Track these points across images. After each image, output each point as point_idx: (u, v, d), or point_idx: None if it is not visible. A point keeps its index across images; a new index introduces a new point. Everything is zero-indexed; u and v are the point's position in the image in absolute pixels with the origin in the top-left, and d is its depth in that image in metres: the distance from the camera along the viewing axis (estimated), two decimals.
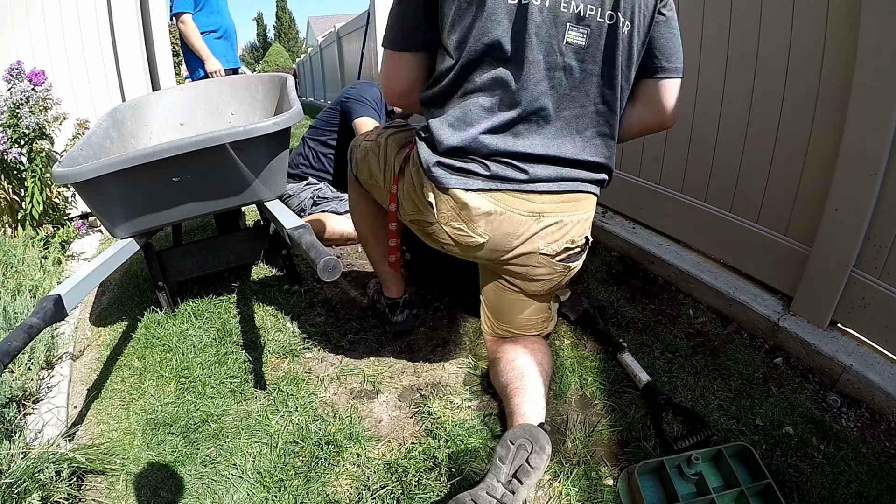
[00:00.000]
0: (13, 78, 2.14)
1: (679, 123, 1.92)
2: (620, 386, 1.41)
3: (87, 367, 1.63)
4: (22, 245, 2.05)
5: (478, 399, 1.39)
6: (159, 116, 2.10)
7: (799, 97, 1.49)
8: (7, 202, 2.23)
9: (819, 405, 1.34)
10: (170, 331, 1.73)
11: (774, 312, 1.57)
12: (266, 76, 2.15)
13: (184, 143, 1.44)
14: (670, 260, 1.92)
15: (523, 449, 0.96)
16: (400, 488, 1.14)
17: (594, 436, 1.26)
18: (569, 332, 1.66)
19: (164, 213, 1.58)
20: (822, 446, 1.21)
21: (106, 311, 1.95)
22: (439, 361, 1.55)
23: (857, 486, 1.10)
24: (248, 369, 1.55)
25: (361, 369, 1.53)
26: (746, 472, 1.11)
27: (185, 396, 1.44)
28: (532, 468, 0.94)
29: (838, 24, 1.34)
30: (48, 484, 1.11)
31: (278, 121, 1.54)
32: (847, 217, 1.37)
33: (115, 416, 1.40)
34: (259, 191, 1.64)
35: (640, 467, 1.10)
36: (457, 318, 1.76)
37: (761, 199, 1.66)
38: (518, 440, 0.97)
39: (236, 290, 1.98)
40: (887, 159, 1.26)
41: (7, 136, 2.10)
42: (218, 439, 1.30)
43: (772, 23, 1.52)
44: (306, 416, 1.35)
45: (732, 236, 1.78)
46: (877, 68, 1.24)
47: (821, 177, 1.45)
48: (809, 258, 1.50)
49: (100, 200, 1.50)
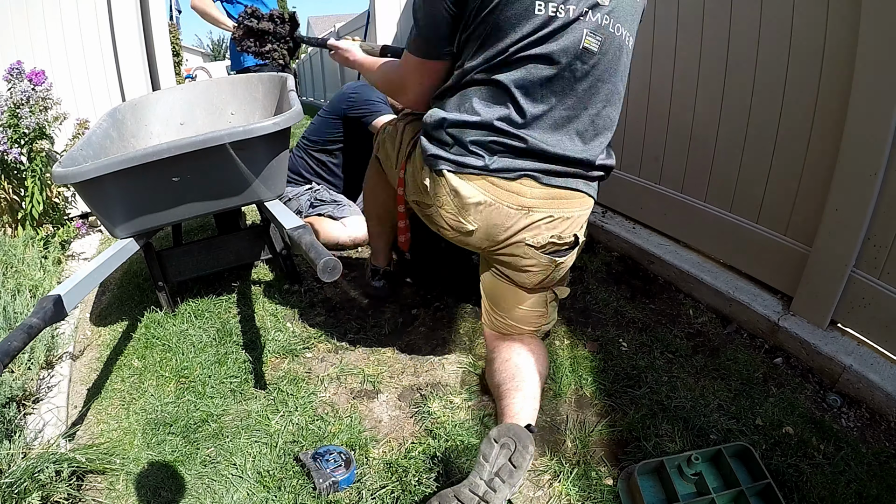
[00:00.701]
0: (13, 78, 2.14)
1: (679, 123, 1.93)
2: (620, 386, 1.41)
3: (87, 367, 1.63)
4: (22, 245, 2.05)
5: (478, 399, 1.39)
6: (159, 116, 2.10)
7: (799, 97, 1.48)
8: (7, 202, 2.23)
9: (819, 405, 1.34)
10: (170, 331, 1.73)
11: (774, 312, 1.57)
12: (266, 76, 2.15)
13: (184, 142, 1.44)
14: (670, 260, 1.92)
15: (507, 448, 0.96)
16: (400, 488, 1.14)
17: (594, 436, 1.26)
18: (568, 332, 1.66)
19: (164, 214, 1.58)
20: (822, 446, 1.21)
21: (106, 310, 1.95)
22: (439, 361, 1.56)
23: (857, 486, 1.10)
24: (248, 369, 1.55)
25: (361, 369, 1.54)
26: (746, 472, 1.11)
27: (185, 396, 1.44)
28: (514, 467, 0.94)
29: (838, 23, 1.34)
30: (48, 484, 1.11)
31: (278, 121, 1.54)
32: (847, 217, 1.37)
33: (115, 416, 1.40)
34: (259, 191, 1.64)
35: (639, 467, 1.10)
36: (457, 318, 1.76)
37: (761, 199, 1.66)
38: (502, 439, 0.97)
39: (236, 290, 1.98)
40: (887, 159, 1.26)
41: (7, 136, 2.10)
42: (218, 439, 1.30)
43: (772, 23, 1.52)
44: (306, 416, 1.35)
45: (732, 236, 1.78)
46: (877, 68, 1.24)
47: (821, 177, 1.45)
48: (809, 258, 1.50)
49: (100, 200, 1.50)
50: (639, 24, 1.14)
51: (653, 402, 1.34)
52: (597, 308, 1.79)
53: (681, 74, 1.88)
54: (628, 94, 2.15)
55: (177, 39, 8.40)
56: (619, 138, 2.29)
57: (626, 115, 2.21)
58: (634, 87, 2.13)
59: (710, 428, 1.26)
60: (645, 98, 2.08)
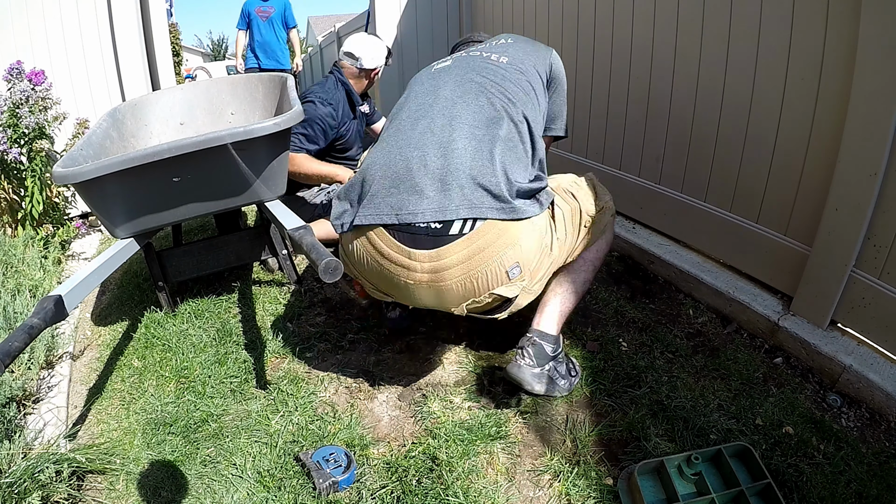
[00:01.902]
0: (13, 78, 2.14)
1: (679, 123, 1.93)
2: (620, 386, 1.41)
3: (87, 367, 1.63)
4: (22, 245, 2.05)
5: (477, 399, 1.39)
6: (159, 116, 2.10)
7: (799, 97, 1.49)
8: (7, 202, 2.23)
9: (819, 405, 1.35)
10: (170, 331, 1.73)
11: (774, 312, 1.57)
12: (266, 76, 2.15)
13: (185, 143, 1.44)
14: (670, 260, 1.93)
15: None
16: (400, 488, 1.14)
17: (594, 436, 1.26)
18: (568, 332, 1.66)
19: (164, 214, 1.58)
20: (822, 446, 1.21)
21: (106, 311, 1.95)
22: (439, 361, 1.56)
23: (857, 486, 1.10)
24: (248, 369, 1.55)
25: (361, 369, 1.53)
26: (746, 472, 1.11)
27: (185, 396, 1.44)
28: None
29: (838, 23, 1.34)
30: (48, 484, 1.11)
31: (279, 121, 1.54)
32: (847, 217, 1.37)
33: (115, 416, 1.40)
34: (260, 191, 1.64)
35: (640, 467, 1.10)
36: (457, 319, 1.76)
37: (761, 199, 1.66)
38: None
39: (236, 290, 1.98)
40: (887, 159, 1.26)
41: (7, 136, 2.10)
42: (218, 439, 1.30)
43: (772, 22, 1.52)
44: (306, 416, 1.35)
45: (732, 236, 1.78)
46: (877, 68, 1.24)
47: (821, 177, 1.45)
48: (809, 258, 1.50)
49: (100, 201, 1.50)
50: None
51: (653, 402, 1.34)
52: (597, 308, 1.79)
53: (681, 74, 1.88)
54: (629, 94, 2.17)
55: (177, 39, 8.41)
56: (619, 138, 2.29)
57: (626, 114, 2.22)
58: (635, 87, 2.13)
59: (710, 428, 1.26)
60: (645, 98, 2.08)
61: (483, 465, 1.19)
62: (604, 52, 2.27)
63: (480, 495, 1.11)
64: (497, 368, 1.50)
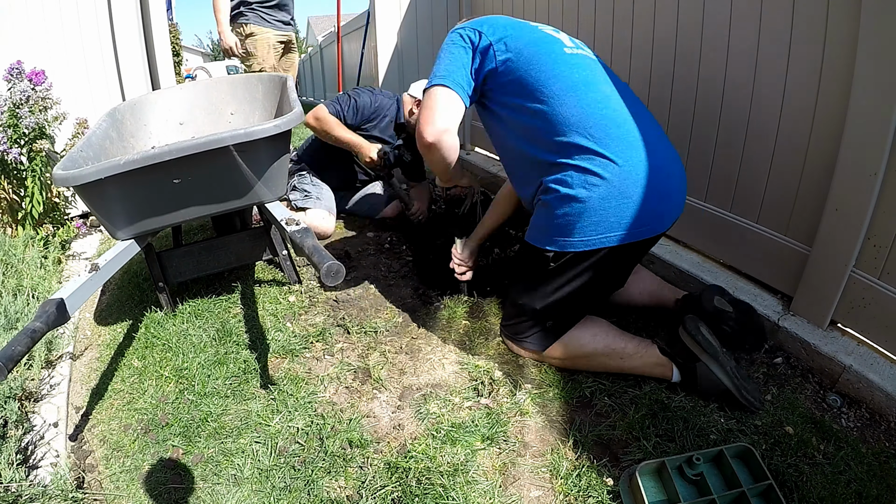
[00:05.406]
0: (13, 78, 2.14)
1: (679, 123, 1.93)
2: (620, 386, 1.41)
3: (87, 367, 1.63)
4: (22, 245, 2.05)
5: (477, 399, 1.40)
6: (159, 116, 2.10)
7: (799, 96, 1.49)
8: (7, 202, 2.23)
9: (819, 405, 1.35)
10: (170, 331, 1.73)
11: (774, 312, 1.57)
12: (266, 76, 2.15)
13: (187, 145, 1.43)
14: (670, 260, 1.93)
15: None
16: (400, 488, 1.14)
17: (594, 436, 1.26)
18: None
19: (165, 216, 1.58)
20: (822, 446, 1.21)
21: (106, 311, 1.95)
22: (439, 361, 1.56)
23: (857, 486, 1.10)
24: (248, 369, 1.55)
25: (361, 369, 1.54)
26: (748, 473, 1.11)
27: (185, 396, 1.44)
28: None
29: (838, 23, 1.34)
30: (48, 484, 1.11)
31: (280, 123, 1.54)
32: (847, 217, 1.37)
33: (115, 416, 1.40)
34: (260, 192, 1.64)
35: (641, 468, 1.10)
36: (457, 319, 1.76)
37: (761, 199, 1.66)
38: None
39: (236, 290, 1.98)
40: (887, 159, 1.26)
41: (7, 136, 2.10)
42: (218, 439, 1.30)
43: (772, 22, 1.52)
44: (306, 416, 1.35)
45: (732, 236, 1.78)
46: (877, 67, 1.25)
47: (821, 177, 1.45)
48: (809, 258, 1.50)
49: (101, 203, 1.50)
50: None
51: (653, 402, 1.34)
52: None
53: (680, 74, 1.88)
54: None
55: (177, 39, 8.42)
56: None
57: None
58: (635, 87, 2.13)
59: (711, 428, 1.26)
60: (644, 99, 2.08)
61: (483, 465, 1.19)
62: (604, 52, 2.27)
63: (481, 496, 1.11)
64: (497, 368, 1.50)
